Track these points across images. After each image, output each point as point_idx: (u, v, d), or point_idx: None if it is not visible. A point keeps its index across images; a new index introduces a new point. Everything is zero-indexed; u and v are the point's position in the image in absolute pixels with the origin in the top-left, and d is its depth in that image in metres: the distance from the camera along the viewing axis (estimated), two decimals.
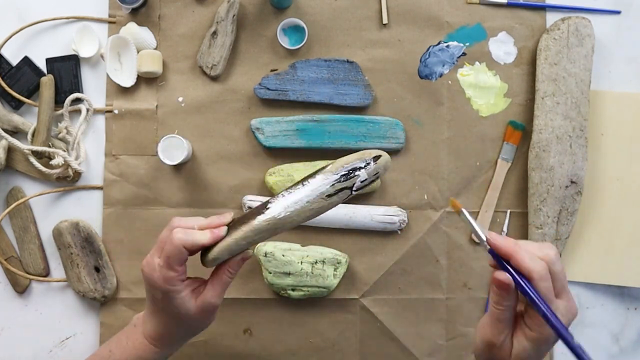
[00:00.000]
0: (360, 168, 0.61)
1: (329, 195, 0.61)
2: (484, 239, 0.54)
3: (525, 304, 0.53)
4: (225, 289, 0.63)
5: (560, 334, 0.50)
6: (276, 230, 0.61)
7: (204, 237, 0.60)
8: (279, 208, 0.60)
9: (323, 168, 0.62)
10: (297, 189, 0.61)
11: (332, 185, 0.61)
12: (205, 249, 0.61)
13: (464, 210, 0.57)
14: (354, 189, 0.61)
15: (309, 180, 0.61)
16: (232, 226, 0.62)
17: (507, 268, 0.52)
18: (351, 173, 0.61)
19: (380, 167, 0.62)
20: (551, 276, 0.51)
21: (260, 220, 0.60)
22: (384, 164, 0.63)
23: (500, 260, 0.52)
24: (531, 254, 0.51)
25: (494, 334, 0.52)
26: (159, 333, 0.64)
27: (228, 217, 0.62)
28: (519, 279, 0.51)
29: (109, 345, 0.68)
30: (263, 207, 0.61)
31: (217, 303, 0.63)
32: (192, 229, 0.60)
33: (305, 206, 0.61)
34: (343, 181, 0.61)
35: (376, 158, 0.62)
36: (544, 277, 0.50)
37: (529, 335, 0.52)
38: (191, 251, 0.60)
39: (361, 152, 0.63)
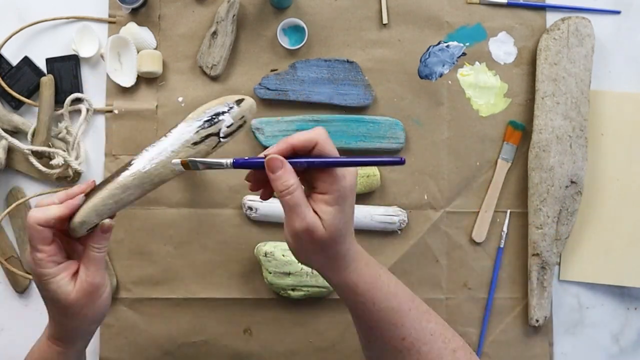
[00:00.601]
0: (223, 112, 0.59)
1: (195, 143, 0.58)
2: (229, 162, 0.54)
3: (309, 178, 0.54)
4: (99, 266, 0.59)
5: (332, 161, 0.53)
6: (144, 185, 0.58)
7: (57, 210, 0.56)
8: (143, 161, 0.58)
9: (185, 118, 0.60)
10: (160, 140, 0.59)
11: (197, 132, 0.58)
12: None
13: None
14: (220, 134, 0.59)
15: (172, 130, 0.59)
16: (96, 188, 0.58)
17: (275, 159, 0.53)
18: (215, 118, 0.59)
19: (246, 111, 0.60)
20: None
21: (125, 175, 0.57)
22: (249, 107, 0.60)
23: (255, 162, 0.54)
24: (302, 133, 0.54)
25: (300, 220, 0.52)
26: (54, 329, 0.61)
27: (89, 184, 0.59)
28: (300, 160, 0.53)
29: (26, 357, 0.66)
30: (127, 164, 0.58)
31: (96, 282, 0.58)
32: (53, 204, 0.57)
33: (170, 156, 0.58)
34: (207, 127, 0.59)
35: (239, 102, 0.60)
36: (325, 136, 0.54)
37: (327, 199, 0.53)
38: (50, 227, 0.56)
39: (223, 97, 0.61)
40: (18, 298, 0.83)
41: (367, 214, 0.82)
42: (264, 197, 0.59)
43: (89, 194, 0.58)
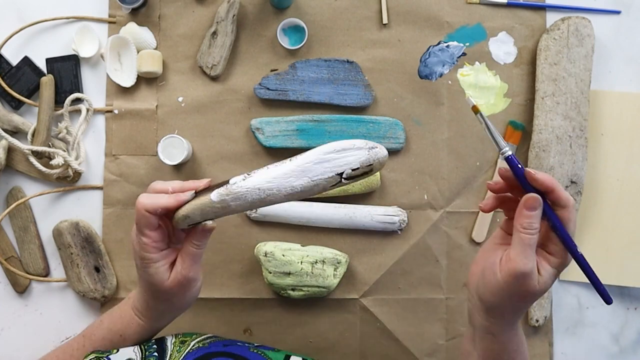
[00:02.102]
0: (353, 154, 0.58)
1: (315, 177, 0.57)
2: (503, 147, 0.56)
3: (546, 233, 0.54)
4: (195, 261, 0.60)
5: (578, 259, 0.53)
6: (253, 203, 0.57)
7: (167, 201, 0.57)
8: (261, 179, 0.57)
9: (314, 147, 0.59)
10: (284, 163, 0.58)
11: (321, 164, 0.57)
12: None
13: (482, 115, 0.57)
14: (344, 175, 0.57)
15: (297, 156, 0.58)
16: (210, 188, 0.58)
17: (531, 189, 0.53)
18: (343, 158, 0.58)
19: (375, 160, 0.58)
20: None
21: (239, 185, 0.57)
22: (380, 157, 0.59)
23: (525, 180, 0.54)
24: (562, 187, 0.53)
25: (524, 263, 0.52)
26: (142, 304, 0.63)
27: (204, 181, 0.59)
28: (546, 206, 0.53)
29: (102, 316, 0.68)
30: (247, 174, 0.58)
31: (190, 276, 0.59)
32: (165, 192, 0.58)
33: (288, 181, 0.57)
34: (333, 166, 0.57)
35: (372, 148, 0.58)
36: (574, 208, 0.53)
37: (552, 262, 0.53)
38: (157, 215, 0.57)
39: (356, 139, 0.60)
40: (18, 298, 0.83)
41: (367, 214, 0.82)
42: (487, 209, 0.58)
43: (200, 192, 0.59)
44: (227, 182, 0.58)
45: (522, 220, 0.53)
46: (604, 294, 0.51)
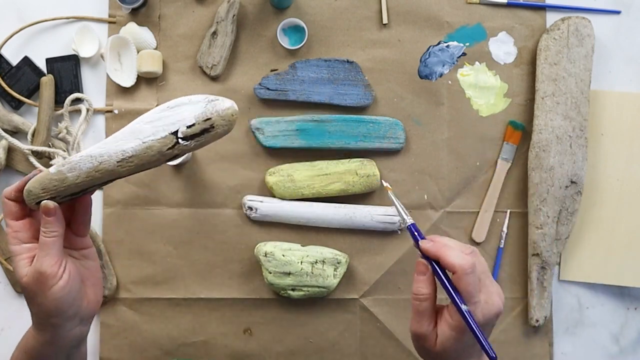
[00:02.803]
0: (186, 107, 0.52)
1: (146, 138, 0.52)
2: (407, 221, 0.58)
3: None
4: (48, 252, 0.54)
5: (471, 327, 0.52)
6: (89, 172, 0.53)
7: (17, 183, 0.56)
8: (94, 147, 0.54)
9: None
10: (122, 129, 0.54)
11: (151, 123, 0.53)
12: None
13: (390, 193, 0.60)
14: (179, 134, 0.51)
15: (135, 120, 0.54)
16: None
17: (427, 258, 0.56)
18: (173, 112, 0.52)
19: (214, 113, 0.51)
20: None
21: (74, 156, 0.54)
22: (220, 109, 0.52)
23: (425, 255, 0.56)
24: (458, 252, 0.54)
25: (416, 327, 0.55)
26: (30, 311, 0.58)
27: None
28: (438, 270, 0.55)
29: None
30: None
31: (42, 269, 0.54)
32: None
33: (118, 145, 0.52)
34: (163, 121, 0.52)
35: (212, 101, 0.52)
36: (468, 271, 0.52)
37: (450, 324, 0.54)
38: (12, 199, 0.56)
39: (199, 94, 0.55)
40: (18, 298, 0.83)
41: (367, 214, 0.82)
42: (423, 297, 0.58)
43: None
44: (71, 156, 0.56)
45: (413, 286, 0.56)
46: (487, 350, 0.51)
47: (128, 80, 0.83)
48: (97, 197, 0.84)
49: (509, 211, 0.85)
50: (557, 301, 0.86)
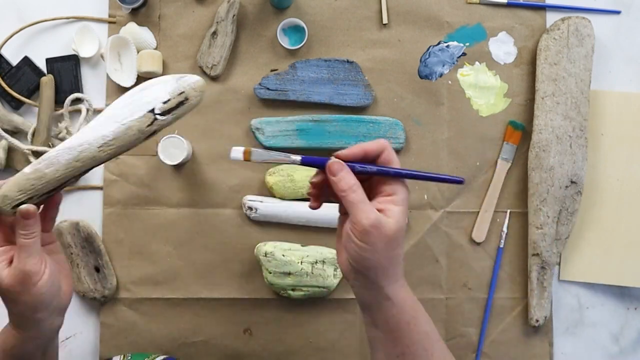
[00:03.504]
0: (158, 86, 0.54)
1: (124, 120, 0.54)
2: (298, 159, 0.57)
3: (376, 186, 0.57)
4: (30, 252, 0.55)
5: (410, 175, 0.56)
6: (68, 164, 0.54)
7: None
8: (71, 139, 0.54)
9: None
10: (95, 118, 0.54)
11: (127, 107, 0.54)
12: None
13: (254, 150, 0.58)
14: (156, 111, 0.54)
15: (107, 108, 0.55)
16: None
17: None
18: (146, 91, 0.55)
19: (186, 87, 0.54)
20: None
21: (50, 151, 0.54)
22: (191, 83, 0.54)
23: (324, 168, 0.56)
24: (368, 143, 0.56)
25: (366, 217, 0.53)
26: (10, 311, 0.58)
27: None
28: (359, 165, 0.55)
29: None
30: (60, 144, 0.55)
31: (26, 269, 0.54)
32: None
33: (98, 132, 0.53)
34: (138, 102, 0.54)
35: (182, 77, 0.55)
36: (386, 144, 0.56)
37: (395, 200, 0.55)
38: None
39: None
40: None
41: None
42: (315, 206, 0.60)
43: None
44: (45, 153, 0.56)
45: (338, 187, 0.54)
46: (451, 179, 0.53)
47: (128, 80, 0.83)
48: (97, 197, 0.84)
49: (509, 211, 0.85)
50: (557, 301, 0.86)
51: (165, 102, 0.54)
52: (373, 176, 0.57)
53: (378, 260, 0.55)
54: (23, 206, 0.54)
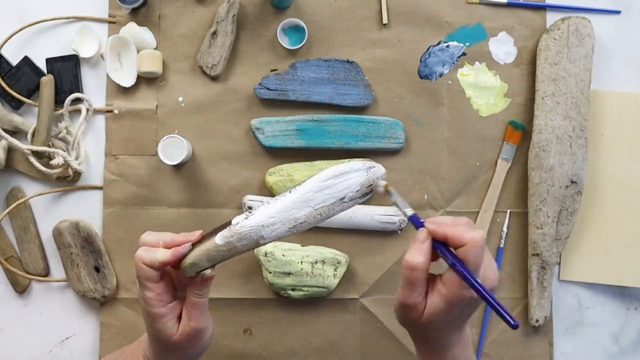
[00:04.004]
0: (351, 177, 0.58)
1: (317, 206, 0.58)
2: (408, 213, 0.58)
3: (446, 267, 0.54)
4: (202, 311, 0.59)
5: (486, 298, 0.51)
6: (258, 240, 0.57)
7: (164, 255, 0.56)
8: (263, 215, 0.57)
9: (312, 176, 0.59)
10: (284, 196, 0.58)
11: (321, 191, 0.58)
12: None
13: (391, 189, 0.59)
14: (345, 199, 0.58)
15: (297, 187, 0.58)
16: (206, 237, 0.58)
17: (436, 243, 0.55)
18: (341, 181, 0.58)
19: (374, 179, 0.58)
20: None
21: (242, 225, 0.57)
22: (379, 175, 0.59)
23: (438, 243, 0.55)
24: (465, 227, 0.54)
25: (406, 295, 0.54)
26: (153, 354, 0.62)
27: (195, 234, 0.59)
28: (442, 247, 0.54)
29: (113, 356, 0.67)
30: (248, 210, 0.58)
31: (199, 327, 0.58)
32: (157, 245, 0.57)
33: (290, 214, 0.57)
34: (333, 192, 0.58)
35: (370, 168, 0.58)
36: (479, 244, 0.51)
37: (443, 294, 0.53)
38: (155, 268, 0.57)
39: (354, 161, 0.60)
40: (18, 298, 0.83)
41: (367, 214, 0.82)
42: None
43: (196, 243, 0.58)
44: (229, 223, 0.58)
45: (407, 254, 0.54)
46: (508, 319, 0.50)
47: (128, 80, 0.83)
48: (97, 197, 0.84)
49: (509, 211, 0.85)
50: (557, 301, 0.86)
51: (355, 192, 0.58)
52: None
53: (410, 331, 0.58)
54: (207, 272, 0.58)
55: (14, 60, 0.83)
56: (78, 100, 0.83)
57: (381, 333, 0.84)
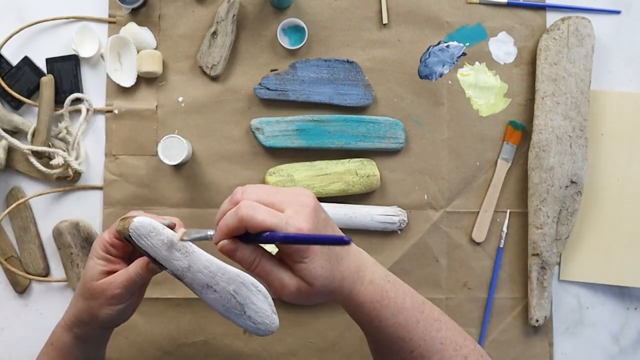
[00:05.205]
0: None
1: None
2: (209, 235, 0.56)
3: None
4: (128, 285, 0.59)
5: (297, 239, 0.50)
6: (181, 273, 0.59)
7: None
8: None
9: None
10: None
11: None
12: None
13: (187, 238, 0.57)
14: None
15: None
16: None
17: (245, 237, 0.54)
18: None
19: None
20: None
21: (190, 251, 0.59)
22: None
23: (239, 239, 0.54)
24: (229, 214, 0.53)
25: (279, 287, 0.53)
26: (74, 301, 0.63)
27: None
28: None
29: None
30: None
31: (113, 291, 0.59)
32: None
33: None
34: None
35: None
36: (240, 213, 0.51)
37: (291, 263, 0.53)
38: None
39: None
40: (18, 298, 0.83)
41: (367, 214, 0.82)
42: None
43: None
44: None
45: (244, 266, 0.53)
46: (336, 241, 0.49)
47: (128, 80, 0.83)
48: (97, 197, 0.84)
49: (509, 211, 0.85)
50: (557, 301, 0.86)
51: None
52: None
53: (315, 302, 0.55)
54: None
55: (14, 60, 0.83)
56: (78, 100, 0.83)
57: None
